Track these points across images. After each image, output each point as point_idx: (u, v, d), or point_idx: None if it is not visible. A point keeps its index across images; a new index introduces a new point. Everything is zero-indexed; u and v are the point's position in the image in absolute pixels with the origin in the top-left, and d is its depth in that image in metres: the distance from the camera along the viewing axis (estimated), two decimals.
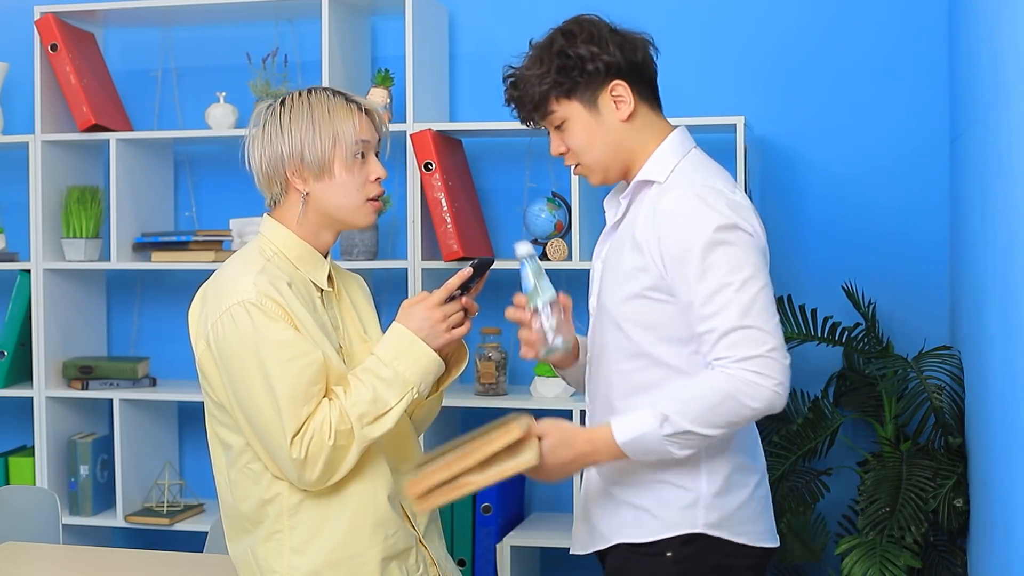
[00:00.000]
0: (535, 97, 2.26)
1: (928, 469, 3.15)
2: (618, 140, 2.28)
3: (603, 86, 2.25)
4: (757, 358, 2.10)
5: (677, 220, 2.16)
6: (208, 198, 4.10)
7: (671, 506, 2.24)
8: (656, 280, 2.18)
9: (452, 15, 3.89)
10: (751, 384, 2.10)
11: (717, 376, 2.12)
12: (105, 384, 3.85)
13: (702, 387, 2.13)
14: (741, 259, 2.13)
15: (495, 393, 3.64)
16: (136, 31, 4.15)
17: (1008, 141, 2.24)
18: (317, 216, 2.31)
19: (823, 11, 3.67)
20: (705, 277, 2.12)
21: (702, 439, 2.14)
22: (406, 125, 3.58)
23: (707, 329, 2.13)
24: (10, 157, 4.09)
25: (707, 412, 2.11)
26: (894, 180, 3.63)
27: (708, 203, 2.16)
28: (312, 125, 2.27)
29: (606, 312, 2.27)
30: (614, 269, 2.27)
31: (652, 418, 2.13)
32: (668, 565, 2.23)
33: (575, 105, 2.26)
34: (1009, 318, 2.24)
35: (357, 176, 2.29)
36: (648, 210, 2.22)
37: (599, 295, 2.32)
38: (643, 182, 2.27)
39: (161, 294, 4.12)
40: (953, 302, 3.45)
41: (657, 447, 2.14)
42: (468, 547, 3.57)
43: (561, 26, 2.30)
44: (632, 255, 2.21)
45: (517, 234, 3.82)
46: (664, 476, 2.23)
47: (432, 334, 2.26)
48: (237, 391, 2.21)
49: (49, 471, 3.86)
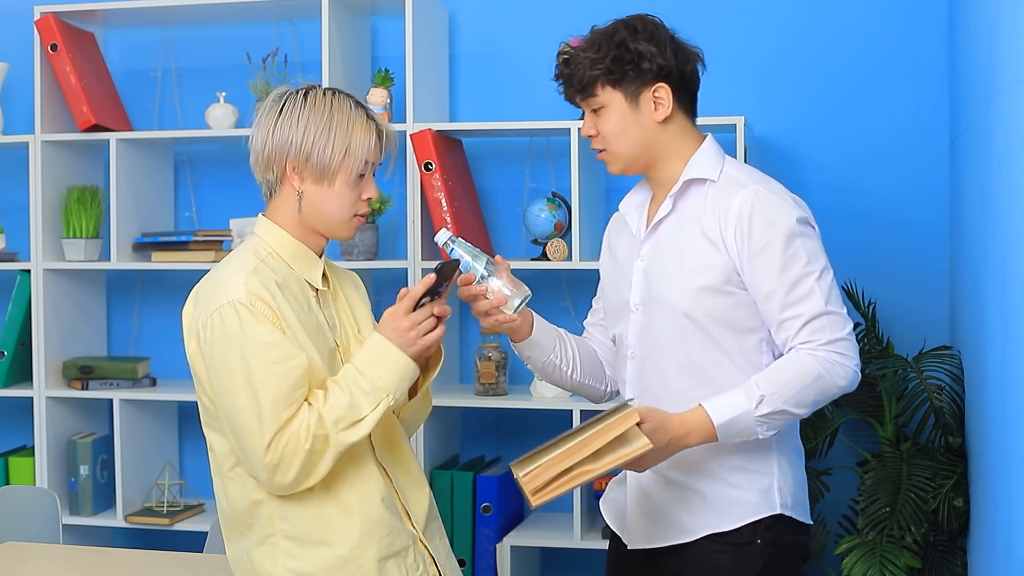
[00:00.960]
0: (584, 78, 2.34)
1: (928, 469, 3.15)
2: (649, 138, 2.38)
3: (649, 85, 2.35)
4: (841, 340, 2.26)
5: (758, 215, 2.28)
6: (208, 198, 4.10)
7: (751, 491, 2.35)
8: (730, 274, 2.30)
9: (452, 15, 3.89)
10: (837, 364, 2.26)
11: (805, 358, 2.25)
12: (105, 384, 3.85)
13: (794, 369, 2.25)
14: (817, 250, 2.31)
15: (495, 393, 3.64)
16: (136, 31, 4.15)
17: (1008, 141, 2.24)
18: (306, 218, 2.31)
19: (822, 11, 3.67)
20: (789, 267, 2.26)
21: (790, 419, 2.28)
22: (406, 125, 3.58)
23: (792, 316, 2.26)
24: (10, 157, 4.09)
25: (800, 392, 2.25)
26: (894, 180, 3.62)
27: (783, 199, 2.33)
28: (329, 130, 2.26)
29: (666, 305, 2.36)
30: (676, 264, 2.35)
31: (747, 399, 2.24)
32: (759, 551, 2.33)
33: (618, 95, 2.35)
34: (1009, 318, 2.24)
35: (353, 192, 2.29)
36: (714, 207, 2.32)
37: (650, 290, 2.39)
38: (694, 180, 2.37)
39: (161, 294, 4.12)
40: (953, 302, 3.45)
41: (748, 428, 2.25)
42: (468, 547, 3.57)
43: (625, 19, 2.39)
44: (705, 250, 2.32)
45: (517, 234, 3.82)
46: (740, 463, 2.34)
47: (404, 342, 2.24)
48: (220, 390, 2.20)
49: (49, 471, 3.86)
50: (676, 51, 2.37)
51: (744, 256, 2.28)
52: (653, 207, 2.45)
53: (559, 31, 2.44)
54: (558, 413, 3.58)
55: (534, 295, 2.39)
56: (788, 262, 2.26)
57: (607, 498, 2.59)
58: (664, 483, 2.39)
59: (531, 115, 3.74)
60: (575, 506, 3.51)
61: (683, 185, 2.37)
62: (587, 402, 3.47)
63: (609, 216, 2.63)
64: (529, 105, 3.77)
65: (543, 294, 3.66)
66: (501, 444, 3.90)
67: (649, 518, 2.42)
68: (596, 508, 3.64)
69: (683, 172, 2.38)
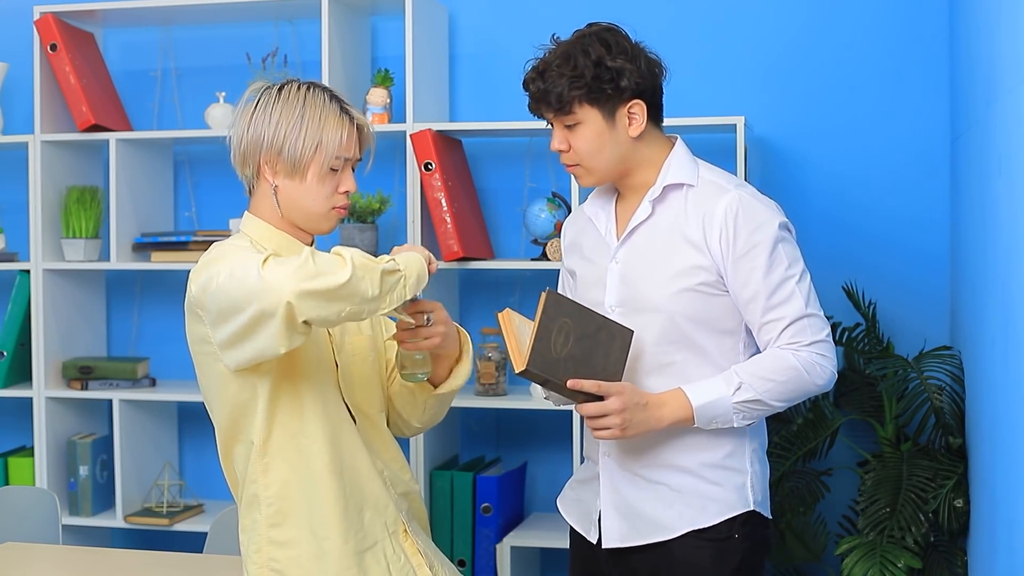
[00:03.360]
0: (561, 96, 2.34)
1: (928, 469, 3.14)
2: (623, 153, 2.39)
3: (625, 102, 2.35)
4: (820, 342, 2.34)
5: (743, 220, 2.33)
6: (208, 198, 4.10)
7: (728, 488, 2.40)
8: (713, 276, 2.35)
9: (452, 15, 3.89)
10: (817, 364, 2.33)
11: (787, 355, 2.32)
12: (105, 384, 3.85)
13: (775, 363, 2.33)
14: (796, 254, 2.37)
15: (495, 393, 3.64)
16: (136, 31, 4.15)
17: (1008, 141, 2.24)
18: (285, 211, 2.30)
19: (823, 11, 3.66)
20: (772, 271, 2.33)
21: (766, 411, 2.35)
22: (406, 125, 3.58)
23: (775, 318, 2.33)
24: (10, 157, 4.09)
25: (779, 386, 2.32)
26: (894, 180, 3.62)
27: (765, 203, 2.38)
28: (300, 124, 2.26)
29: (647, 307, 2.38)
30: (656, 267, 2.38)
31: (726, 384, 2.32)
32: (736, 545, 2.39)
33: (595, 112, 2.35)
34: (1009, 318, 2.24)
35: (327, 185, 2.28)
36: (696, 210, 2.37)
37: (629, 292, 2.41)
38: (673, 185, 2.40)
39: (161, 294, 4.12)
40: (953, 302, 3.45)
41: (723, 414, 2.33)
42: (468, 547, 3.56)
43: (595, 32, 2.38)
44: (687, 253, 2.36)
45: (517, 234, 3.82)
46: (717, 460, 2.40)
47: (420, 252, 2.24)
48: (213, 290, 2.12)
49: (49, 471, 3.85)
50: (648, 65, 2.38)
51: (728, 259, 2.33)
52: (623, 209, 2.48)
53: (559, 31, 2.43)
54: (558, 413, 3.57)
55: (534, 295, 2.39)
56: (771, 266, 2.33)
57: (567, 498, 2.60)
58: (639, 481, 2.43)
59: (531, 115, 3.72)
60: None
61: (663, 190, 2.40)
62: None
63: None
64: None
65: None
66: (501, 444, 3.90)
67: (624, 516, 2.44)
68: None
69: (659, 177, 2.41)
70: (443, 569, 2.39)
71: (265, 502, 2.26)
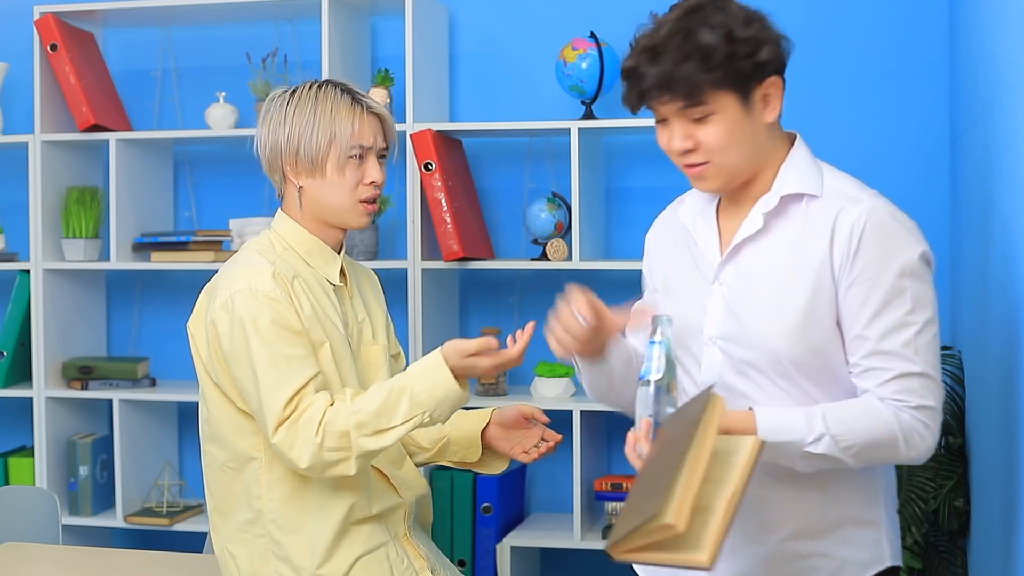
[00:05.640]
0: (691, 81, 1.87)
1: (928, 470, 3.14)
2: (758, 145, 1.97)
3: (760, 81, 1.94)
4: (930, 409, 1.91)
5: (869, 240, 1.91)
6: (208, 198, 4.10)
7: (861, 546, 2.00)
8: (835, 309, 1.93)
9: (452, 15, 3.89)
10: (917, 433, 1.90)
11: (888, 414, 1.89)
12: (105, 384, 3.85)
13: (872, 420, 1.89)
14: (928, 298, 1.92)
15: (495, 393, 3.64)
16: (136, 31, 4.15)
17: (1008, 141, 2.24)
18: (312, 212, 2.32)
19: (823, 10, 3.66)
20: (889, 311, 1.89)
21: (837, 466, 1.91)
22: (406, 125, 3.58)
23: (881, 366, 1.90)
24: (10, 157, 4.09)
25: (866, 446, 1.88)
26: (894, 180, 3.59)
27: (906, 227, 1.95)
28: (312, 121, 2.27)
29: (757, 345, 1.96)
30: (770, 298, 1.95)
31: (807, 426, 1.87)
32: None
33: (731, 99, 1.91)
34: (1009, 318, 2.24)
35: (349, 178, 2.28)
36: (818, 226, 1.94)
37: (736, 325, 1.97)
38: (793, 195, 1.97)
39: (161, 294, 4.12)
40: (953, 302, 3.45)
41: (787, 458, 1.89)
42: (468, 547, 3.56)
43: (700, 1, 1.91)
44: (807, 281, 1.93)
45: (517, 234, 3.82)
46: (845, 511, 1.99)
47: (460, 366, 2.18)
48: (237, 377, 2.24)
49: (49, 471, 3.85)
50: (778, 34, 1.97)
51: (841, 283, 1.91)
52: (726, 220, 2.04)
53: (559, 31, 2.43)
54: (558, 413, 3.57)
55: (534, 295, 2.38)
56: (889, 304, 1.89)
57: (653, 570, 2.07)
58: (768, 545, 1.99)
59: (531, 115, 3.74)
60: (575, 506, 3.51)
61: (782, 201, 1.97)
62: (588, 402, 3.48)
63: (610, 216, 2.60)
64: (529, 105, 3.77)
65: (543, 294, 3.65)
66: None
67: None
68: (596, 508, 3.65)
69: (775, 184, 1.98)
70: (445, 571, 2.40)
71: (269, 516, 2.27)
